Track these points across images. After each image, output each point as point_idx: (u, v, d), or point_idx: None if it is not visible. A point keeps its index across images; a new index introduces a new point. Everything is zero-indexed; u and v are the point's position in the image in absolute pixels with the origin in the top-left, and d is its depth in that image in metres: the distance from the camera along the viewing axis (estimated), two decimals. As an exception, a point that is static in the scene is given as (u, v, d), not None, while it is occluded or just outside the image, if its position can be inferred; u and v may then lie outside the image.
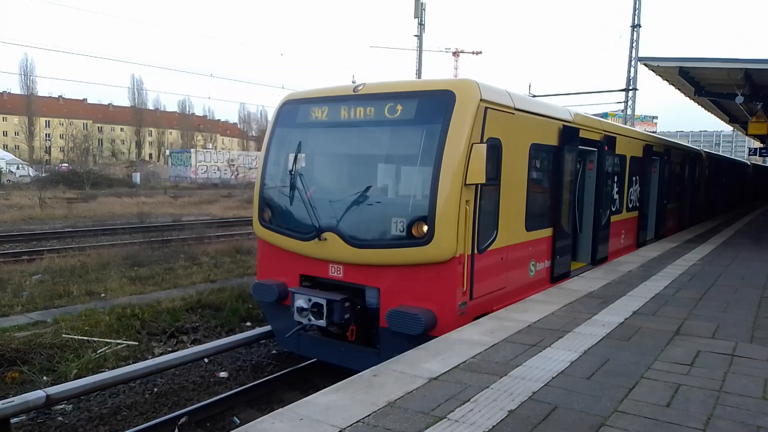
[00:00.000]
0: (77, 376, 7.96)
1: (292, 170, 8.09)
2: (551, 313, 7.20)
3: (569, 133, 9.46)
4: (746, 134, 26.70)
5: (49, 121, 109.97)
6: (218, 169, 74.04)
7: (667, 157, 15.96)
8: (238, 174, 70.42)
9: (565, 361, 5.41)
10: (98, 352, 8.87)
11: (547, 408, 4.36)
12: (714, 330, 6.64)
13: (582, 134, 9.94)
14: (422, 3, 33.07)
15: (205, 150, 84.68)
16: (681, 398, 4.61)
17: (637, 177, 13.64)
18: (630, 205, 13.30)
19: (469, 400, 4.48)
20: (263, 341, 9.97)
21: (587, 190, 10.85)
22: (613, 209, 12.14)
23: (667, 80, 16.90)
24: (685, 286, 9.07)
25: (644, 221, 14.51)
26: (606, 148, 11.16)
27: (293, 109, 8.44)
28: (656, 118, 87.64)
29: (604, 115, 33.55)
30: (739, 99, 14.90)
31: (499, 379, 4.94)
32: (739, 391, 4.79)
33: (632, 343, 6.04)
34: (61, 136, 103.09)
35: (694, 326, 6.77)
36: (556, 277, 9.40)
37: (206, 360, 9.21)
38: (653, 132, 29.70)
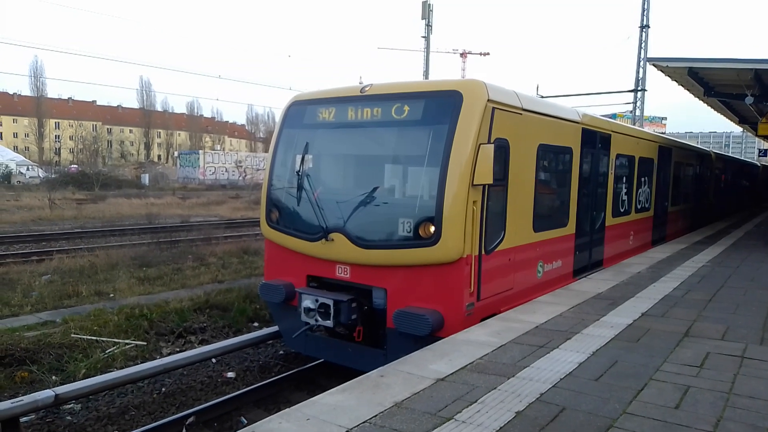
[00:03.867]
0: (86, 376, 8.00)
1: (299, 171, 8.10)
2: (559, 315, 7.17)
3: (577, 133, 9.42)
4: (756, 135, 26.48)
5: (58, 123, 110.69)
6: (226, 171, 74.33)
7: (676, 158, 15.87)
8: (246, 175, 70.63)
9: (573, 363, 5.39)
10: (107, 351, 8.92)
11: (555, 409, 4.34)
12: (724, 332, 6.58)
13: (590, 135, 9.89)
14: (429, 5, 33.05)
15: (213, 151, 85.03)
16: (690, 400, 4.57)
17: (646, 178, 13.57)
18: (639, 206, 13.22)
19: (476, 401, 4.47)
20: (270, 342, 9.98)
21: (596, 190, 10.80)
22: (622, 210, 12.09)
23: (676, 81, 16.78)
24: (695, 288, 9.01)
25: (655, 222, 14.44)
26: (615, 148, 11.11)
27: (300, 110, 8.46)
28: (665, 119, 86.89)
29: (613, 116, 33.33)
30: (749, 99, 14.77)
31: (507, 381, 4.92)
32: (749, 393, 4.74)
33: (641, 345, 6.00)
34: (71, 138, 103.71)
35: (704, 328, 6.72)
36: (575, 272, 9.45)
37: (214, 360, 9.24)
38: (662, 133, 29.55)
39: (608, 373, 5.15)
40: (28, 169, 67.24)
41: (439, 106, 7.13)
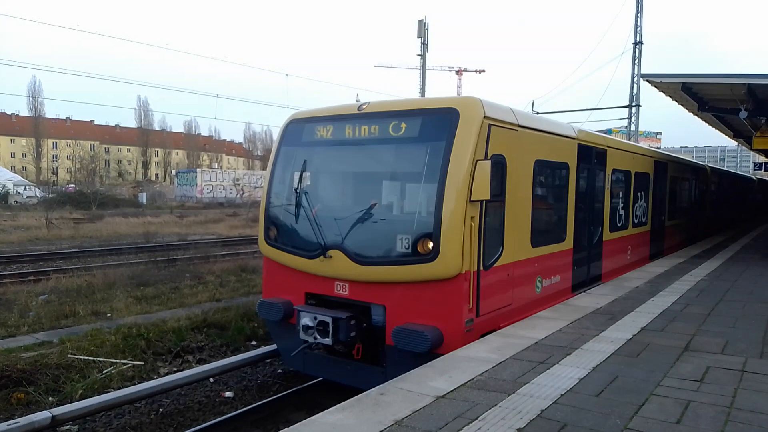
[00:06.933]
0: (83, 397, 7.93)
1: (297, 188, 8.13)
2: (558, 330, 7.16)
3: (573, 149, 9.49)
4: (751, 149, 26.67)
5: (56, 143, 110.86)
6: (224, 189, 74.41)
7: (671, 173, 15.96)
8: (243, 193, 70.69)
9: (573, 378, 5.37)
10: (104, 372, 8.85)
11: (556, 426, 4.32)
12: (723, 345, 6.57)
13: (586, 150, 9.96)
14: (425, 23, 33.47)
15: (210, 170, 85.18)
16: (691, 415, 4.55)
17: (642, 192, 13.63)
18: (636, 221, 13.26)
19: (477, 419, 4.44)
20: (269, 360, 9.92)
21: (593, 205, 10.84)
22: (620, 225, 12.12)
23: (670, 96, 16.92)
24: (693, 302, 9.01)
25: (652, 236, 14.47)
26: (611, 163, 11.18)
27: (298, 128, 8.51)
28: (660, 133, 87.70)
29: (608, 132, 33.60)
30: (743, 114, 14.86)
31: (508, 397, 4.90)
32: (750, 407, 4.73)
33: (641, 360, 5.98)
34: (68, 158, 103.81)
35: (703, 342, 6.71)
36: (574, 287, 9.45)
37: (212, 380, 9.17)
38: (657, 147, 29.74)
39: (609, 388, 5.13)
40: (25, 188, 67.18)
41: (436, 123, 7.18)
